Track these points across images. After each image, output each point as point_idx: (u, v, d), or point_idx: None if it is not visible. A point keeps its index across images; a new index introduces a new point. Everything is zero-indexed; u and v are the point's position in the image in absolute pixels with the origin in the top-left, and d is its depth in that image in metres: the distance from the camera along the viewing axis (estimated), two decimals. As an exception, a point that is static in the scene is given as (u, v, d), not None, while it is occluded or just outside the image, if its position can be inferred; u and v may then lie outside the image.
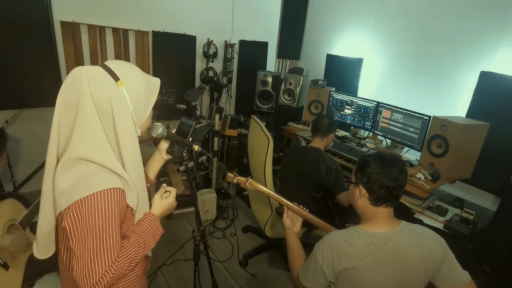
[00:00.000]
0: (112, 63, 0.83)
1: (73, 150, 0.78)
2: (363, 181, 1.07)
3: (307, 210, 1.38)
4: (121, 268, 0.79)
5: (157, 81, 0.94)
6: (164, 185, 1.09)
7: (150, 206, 1.02)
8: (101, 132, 0.79)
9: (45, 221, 0.84)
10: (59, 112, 0.78)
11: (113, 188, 0.78)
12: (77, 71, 0.79)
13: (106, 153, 0.81)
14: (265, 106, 3.54)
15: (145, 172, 1.10)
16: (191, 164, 1.31)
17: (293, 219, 1.36)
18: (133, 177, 0.86)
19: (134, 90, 0.84)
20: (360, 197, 1.09)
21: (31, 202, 1.64)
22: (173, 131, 1.17)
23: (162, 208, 1.03)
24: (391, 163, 1.05)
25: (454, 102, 2.39)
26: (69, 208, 0.75)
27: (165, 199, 1.06)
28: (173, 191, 1.09)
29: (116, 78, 0.81)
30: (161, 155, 1.14)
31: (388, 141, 2.69)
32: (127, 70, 0.85)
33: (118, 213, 0.79)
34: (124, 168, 0.84)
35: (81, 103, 0.77)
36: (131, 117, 0.84)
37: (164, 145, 1.13)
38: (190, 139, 1.16)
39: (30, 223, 1.49)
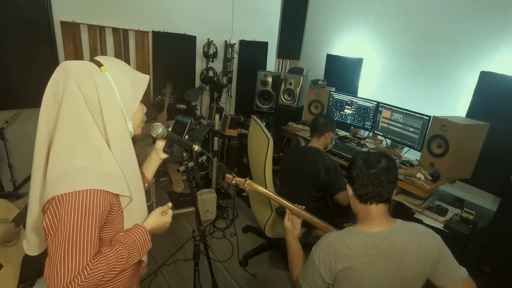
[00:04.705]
0: (99, 57, 0.84)
1: (61, 141, 0.77)
2: (349, 180, 1.11)
3: (304, 208, 1.38)
4: (95, 276, 0.74)
5: (145, 76, 0.92)
6: (170, 204, 1.07)
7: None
8: (90, 120, 0.79)
9: (33, 216, 0.83)
10: (46, 104, 0.81)
11: (97, 190, 0.75)
12: (63, 64, 0.80)
13: (95, 142, 0.79)
14: (265, 106, 3.53)
15: (142, 172, 1.08)
16: (191, 164, 1.31)
17: (293, 221, 1.36)
18: (123, 166, 0.84)
19: (119, 78, 0.83)
20: (350, 196, 1.12)
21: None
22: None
23: (156, 224, 0.99)
24: (374, 160, 1.05)
25: (454, 102, 2.39)
26: (49, 203, 0.73)
27: (163, 216, 1.02)
28: (170, 212, 1.06)
29: (99, 64, 0.81)
30: (158, 154, 1.10)
31: (388, 141, 2.69)
32: (111, 59, 0.86)
33: (99, 216, 0.76)
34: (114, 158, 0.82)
35: (67, 92, 0.77)
36: (119, 106, 0.83)
37: (160, 144, 1.10)
38: (186, 136, 1.13)
39: (24, 221, 1.50)
